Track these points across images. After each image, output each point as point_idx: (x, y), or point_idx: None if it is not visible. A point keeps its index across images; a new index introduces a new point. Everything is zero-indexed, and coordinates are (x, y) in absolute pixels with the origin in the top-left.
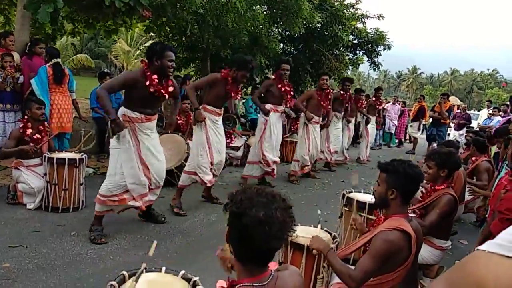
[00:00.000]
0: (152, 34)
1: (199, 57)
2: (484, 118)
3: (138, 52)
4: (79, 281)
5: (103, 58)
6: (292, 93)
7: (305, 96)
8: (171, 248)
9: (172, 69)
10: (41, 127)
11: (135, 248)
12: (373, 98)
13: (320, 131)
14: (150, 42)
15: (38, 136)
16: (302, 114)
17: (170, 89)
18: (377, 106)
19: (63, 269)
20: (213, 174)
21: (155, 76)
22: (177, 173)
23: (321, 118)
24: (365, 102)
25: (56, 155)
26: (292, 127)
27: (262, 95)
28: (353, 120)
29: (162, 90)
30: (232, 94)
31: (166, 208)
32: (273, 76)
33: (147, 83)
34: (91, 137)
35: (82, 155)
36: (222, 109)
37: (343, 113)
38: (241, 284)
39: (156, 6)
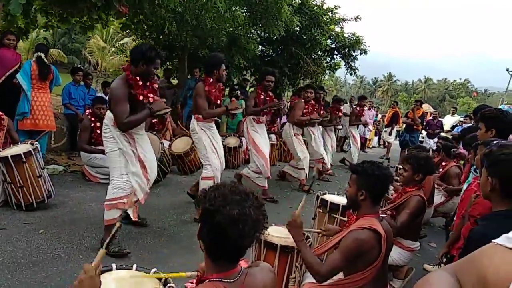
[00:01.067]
0: (128, 31)
1: (176, 56)
2: (451, 123)
3: (113, 49)
4: (46, 279)
5: (77, 54)
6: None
7: (299, 111)
8: (143, 247)
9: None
10: None
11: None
12: (357, 108)
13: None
14: (127, 39)
15: None
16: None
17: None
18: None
19: (30, 268)
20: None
21: (140, 82)
22: None
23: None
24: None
25: (3, 152)
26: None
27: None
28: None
29: (149, 95)
30: (213, 98)
31: (141, 207)
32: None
33: (134, 91)
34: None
35: (29, 148)
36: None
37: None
38: (209, 280)
39: (133, 3)
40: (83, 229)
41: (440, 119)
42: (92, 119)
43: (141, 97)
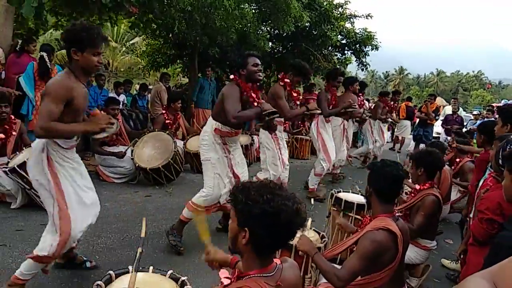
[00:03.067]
0: (138, 30)
1: (186, 54)
2: (448, 113)
3: (124, 48)
4: (63, 280)
5: None
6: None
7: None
8: (158, 247)
9: (258, 73)
10: (6, 126)
11: (121, 248)
12: (392, 102)
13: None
14: (137, 38)
15: (2, 136)
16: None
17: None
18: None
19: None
20: None
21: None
22: (164, 171)
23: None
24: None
25: (11, 162)
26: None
27: None
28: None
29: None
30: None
31: (154, 207)
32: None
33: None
34: None
35: None
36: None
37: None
38: (250, 276)
39: (143, 3)
40: (99, 230)
41: (459, 114)
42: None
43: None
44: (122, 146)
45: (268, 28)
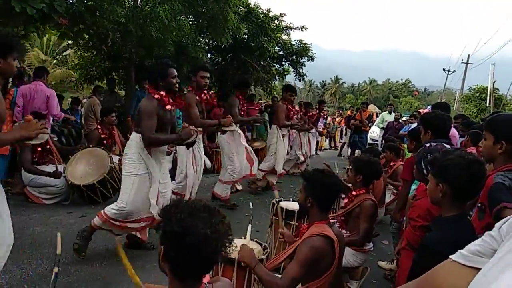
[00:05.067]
0: (70, 42)
1: (122, 66)
2: (387, 121)
3: (55, 61)
4: None
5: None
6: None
7: (282, 113)
8: (147, 260)
9: (176, 85)
10: None
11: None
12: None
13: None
14: (69, 51)
15: None
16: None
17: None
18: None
19: None
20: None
21: (166, 97)
22: (100, 188)
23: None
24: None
25: None
26: None
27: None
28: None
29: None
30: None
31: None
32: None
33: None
34: None
35: None
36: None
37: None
38: None
39: (73, 14)
40: (27, 256)
41: (400, 121)
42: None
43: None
44: (52, 164)
45: (206, 40)
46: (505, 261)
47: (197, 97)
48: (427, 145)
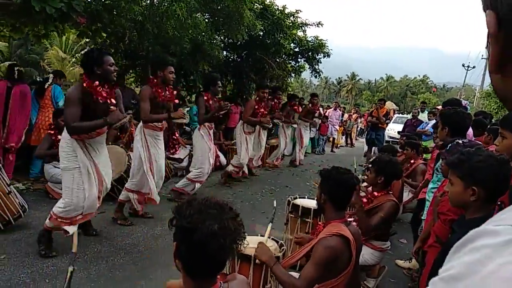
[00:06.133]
0: (88, 40)
1: (139, 64)
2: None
3: (74, 59)
4: None
5: (35, 65)
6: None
7: (250, 110)
8: (114, 266)
9: (114, 73)
10: None
11: None
12: (309, 104)
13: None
14: (87, 49)
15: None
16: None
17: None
18: (314, 111)
19: None
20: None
21: (98, 86)
22: (117, 186)
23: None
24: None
25: None
26: None
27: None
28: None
29: (109, 99)
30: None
31: (107, 223)
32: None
33: (95, 95)
34: None
35: None
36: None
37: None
38: None
39: (91, 13)
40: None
41: (419, 118)
42: (52, 132)
43: (101, 100)
44: None
45: (222, 37)
46: None
47: (155, 92)
48: (460, 141)
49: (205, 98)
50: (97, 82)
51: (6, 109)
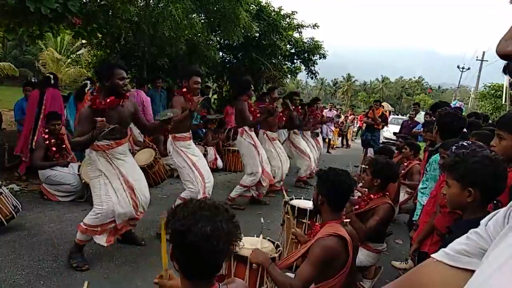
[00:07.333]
0: (83, 41)
1: (135, 65)
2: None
3: (69, 60)
4: None
5: (30, 66)
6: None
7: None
8: (110, 267)
9: (124, 87)
10: None
11: (67, 271)
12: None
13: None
14: (82, 50)
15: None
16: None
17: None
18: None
19: None
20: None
21: (105, 104)
22: None
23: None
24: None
25: None
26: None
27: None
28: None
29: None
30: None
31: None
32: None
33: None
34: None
35: None
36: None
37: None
38: None
39: (87, 13)
40: (43, 253)
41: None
42: (46, 136)
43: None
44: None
45: (218, 38)
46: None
47: (189, 100)
48: (465, 143)
49: (245, 102)
50: (103, 102)
51: (39, 113)
